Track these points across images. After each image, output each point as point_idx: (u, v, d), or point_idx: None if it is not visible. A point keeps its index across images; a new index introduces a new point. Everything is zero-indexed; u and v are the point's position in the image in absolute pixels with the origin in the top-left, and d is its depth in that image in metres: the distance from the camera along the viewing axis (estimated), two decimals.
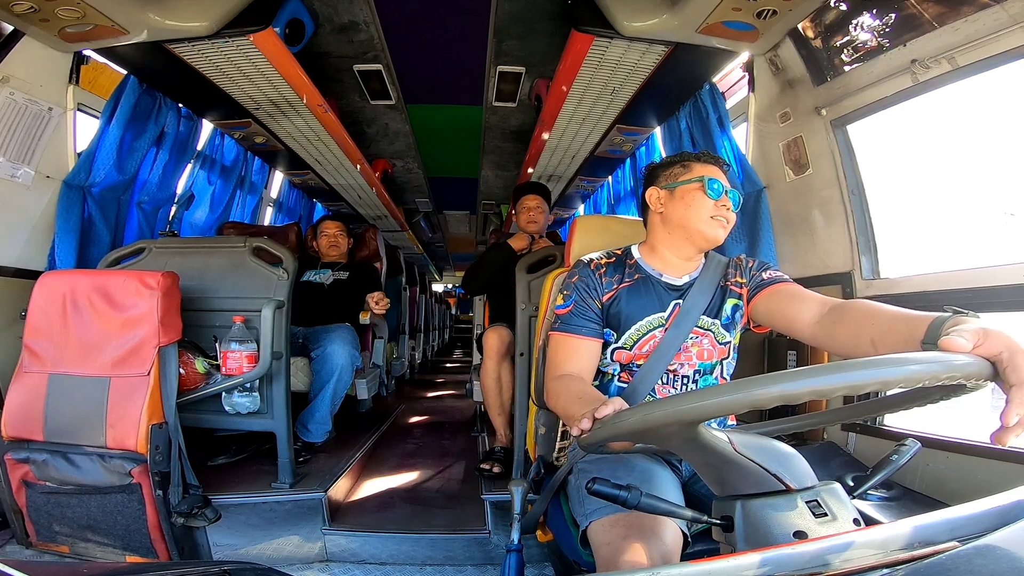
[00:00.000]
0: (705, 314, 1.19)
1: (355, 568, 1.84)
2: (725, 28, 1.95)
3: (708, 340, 1.19)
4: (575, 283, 1.22)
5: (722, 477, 0.69)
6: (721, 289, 1.22)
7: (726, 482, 0.69)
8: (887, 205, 1.88)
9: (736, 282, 1.23)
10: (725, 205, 1.19)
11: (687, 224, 1.20)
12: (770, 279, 1.19)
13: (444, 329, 10.23)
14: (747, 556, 0.48)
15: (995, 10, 1.37)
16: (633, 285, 1.22)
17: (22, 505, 1.70)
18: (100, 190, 2.30)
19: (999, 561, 0.45)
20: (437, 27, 2.45)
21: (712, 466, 0.69)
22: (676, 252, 1.24)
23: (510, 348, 2.29)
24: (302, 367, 2.38)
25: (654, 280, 1.23)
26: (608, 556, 0.90)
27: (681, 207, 1.21)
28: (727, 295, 1.22)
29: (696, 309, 1.18)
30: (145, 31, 1.98)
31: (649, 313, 1.19)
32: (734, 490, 0.68)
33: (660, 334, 1.18)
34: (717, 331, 1.20)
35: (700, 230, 1.19)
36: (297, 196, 4.57)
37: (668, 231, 1.24)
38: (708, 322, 1.19)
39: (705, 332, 1.19)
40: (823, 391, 0.54)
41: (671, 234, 1.24)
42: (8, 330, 1.94)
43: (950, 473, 1.43)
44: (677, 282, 1.23)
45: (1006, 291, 1.40)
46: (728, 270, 1.25)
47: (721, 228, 1.19)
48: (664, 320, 1.19)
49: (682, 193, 1.22)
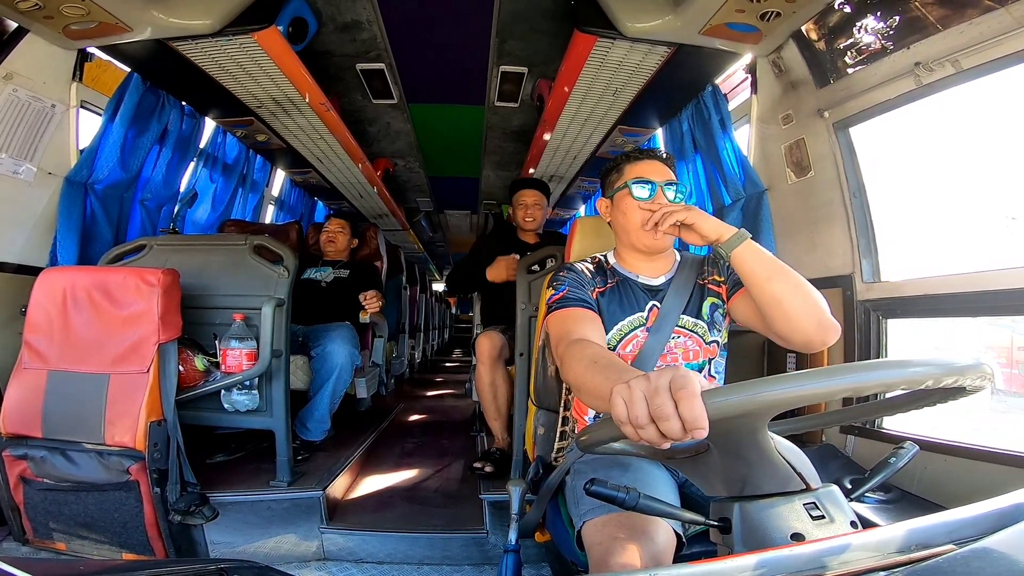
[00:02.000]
0: (685, 313, 1.18)
1: (352, 567, 1.84)
2: (728, 30, 1.95)
3: (693, 341, 1.18)
4: (564, 276, 1.21)
5: (743, 476, 0.67)
6: (699, 288, 1.21)
7: (748, 481, 0.66)
8: (889, 208, 1.88)
9: (714, 280, 1.22)
10: (660, 201, 1.14)
11: (624, 234, 1.21)
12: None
13: (444, 328, 10.23)
14: (744, 558, 0.48)
15: (999, 13, 1.36)
16: (613, 287, 1.22)
17: (19, 502, 1.70)
18: (103, 187, 2.30)
19: (996, 564, 0.44)
20: (440, 27, 2.45)
21: (744, 463, 0.66)
22: (637, 256, 1.23)
23: (503, 352, 2.29)
24: (301, 365, 2.38)
25: (631, 282, 1.23)
26: (599, 556, 0.90)
27: (620, 216, 1.21)
28: (705, 294, 1.21)
29: (675, 310, 1.18)
30: (149, 29, 1.99)
31: (629, 314, 1.19)
32: (757, 489, 0.66)
33: (642, 334, 1.18)
34: (702, 331, 1.19)
35: (636, 241, 1.18)
36: (298, 194, 4.58)
37: (620, 239, 1.25)
38: (691, 322, 1.19)
39: (690, 333, 1.18)
40: (824, 393, 0.55)
41: (623, 243, 1.24)
42: (8, 326, 1.94)
43: (948, 476, 1.42)
44: (654, 283, 1.23)
45: (1007, 295, 1.40)
46: (704, 267, 1.24)
47: (655, 233, 1.11)
48: (644, 320, 1.19)
49: (618, 202, 1.21)
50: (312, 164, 3.76)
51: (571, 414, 1.36)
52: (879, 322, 1.77)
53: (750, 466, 0.66)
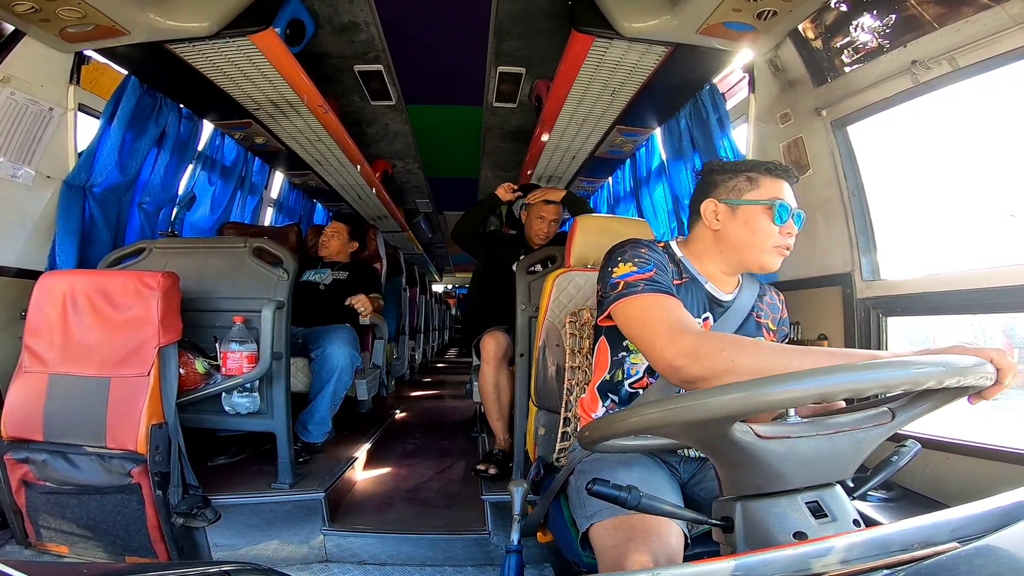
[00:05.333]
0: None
1: (354, 568, 1.84)
2: (725, 29, 1.95)
3: None
4: (647, 254, 1.07)
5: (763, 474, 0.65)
6: (755, 321, 1.18)
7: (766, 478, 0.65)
8: (887, 206, 1.88)
9: (767, 324, 1.20)
10: (790, 232, 1.08)
11: (745, 250, 1.10)
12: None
13: (444, 330, 10.22)
14: (747, 557, 0.48)
15: (995, 11, 1.37)
16: (685, 284, 1.14)
17: (21, 505, 1.70)
18: (101, 190, 2.30)
19: (999, 562, 0.45)
20: (437, 28, 2.45)
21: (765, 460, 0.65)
22: (721, 268, 1.16)
23: (507, 353, 2.29)
24: (302, 367, 2.38)
25: (700, 286, 1.16)
26: (612, 559, 0.89)
27: (743, 231, 1.09)
28: (758, 330, 1.18)
29: (727, 330, 1.13)
30: (146, 31, 1.98)
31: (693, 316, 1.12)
32: (786, 484, 0.64)
33: None
34: None
35: (759, 260, 1.10)
36: (297, 196, 4.57)
37: (720, 249, 1.14)
38: None
39: None
40: (824, 393, 0.55)
41: (722, 253, 1.14)
42: (8, 330, 1.94)
43: (950, 474, 1.43)
44: (723, 296, 1.16)
45: (1006, 292, 1.40)
46: (759, 301, 1.20)
47: (781, 257, 1.09)
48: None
49: (745, 215, 1.09)
50: (311, 166, 3.76)
51: (572, 414, 1.36)
52: (879, 320, 1.78)
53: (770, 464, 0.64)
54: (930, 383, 0.56)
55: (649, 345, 0.94)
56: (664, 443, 0.94)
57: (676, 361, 0.86)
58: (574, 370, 1.38)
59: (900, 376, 0.55)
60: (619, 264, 1.06)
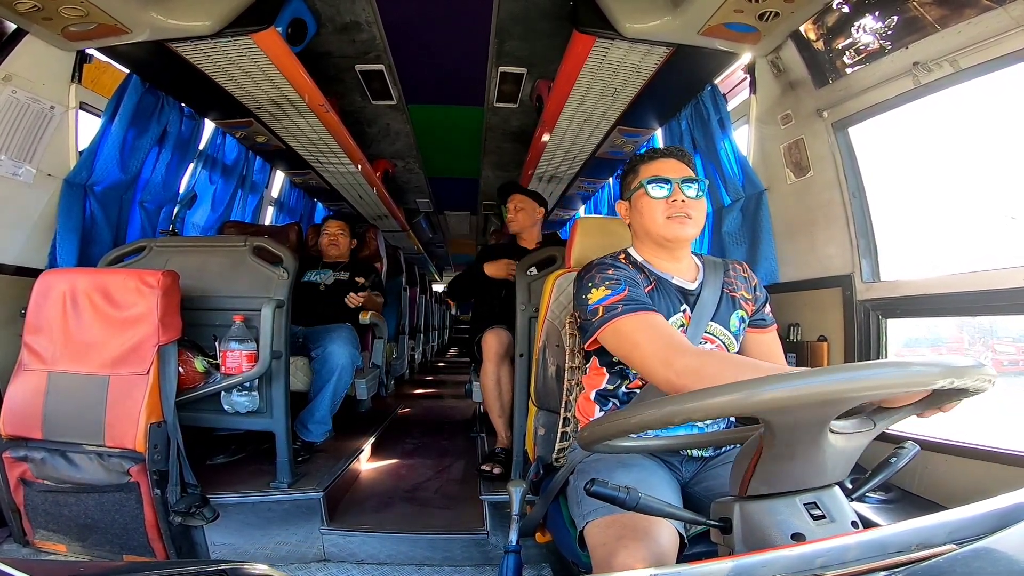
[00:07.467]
0: (714, 320, 1.17)
1: (353, 568, 1.84)
2: (727, 30, 1.95)
3: (718, 347, 1.17)
4: (615, 275, 1.10)
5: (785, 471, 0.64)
6: (728, 298, 1.19)
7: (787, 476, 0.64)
8: (888, 208, 1.88)
9: (744, 297, 1.21)
10: (678, 199, 1.14)
11: (649, 231, 1.18)
12: (770, 321, 1.24)
13: (443, 329, 10.23)
14: (745, 558, 0.48)
15: (997, 12, 1.37)
16: (655, 287, 1.17)
17: (19, 503, 1.70)
18: (102, 189, 2.30)
19: (997, 564, 0.45)
20: (439, 27, 2.45)
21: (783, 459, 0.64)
22: (659, 255, 1.21)
23: (509, 350, 2.29)
24: (302, 367, 2.38)
25: (667, 283, 1.19)
26: (603, 557, 0.90)
27: (639, 217, 1.20)
28: (735, 306, 1.20)
29: (705, 316, 1.16)
30: (148, 30, 1.98)
31: (671, 315, 1.15)
32: (803, 484, 0.64)
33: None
34: (728, 341, 1.18)
35: (662, 234, 1.16)
36: (298, 196, 4.58)
37: (642, 239, 1.23)
38: (719, 330, 1.17)
39: (716, 340, 1.17)
40: (820, 393, 0.55)
41: (644, 241, 1.23)
42: (8, 328, 1.94)
43: (948, 476, 1.42)
44: (689, 286, 1.19)
45: (1006, 295, 1.40)
46: (728, 276, 1.22)
47: (679, 224, 1.14)
48: (681, 322, 1.16)
49: (636, 202, 1.20)
50: (312, 165, 3.76)
51: (572, 415, 1.36)
52: (879, 322, 1.77)
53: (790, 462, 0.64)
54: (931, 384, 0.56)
55: (646, 366, 0.97)
56: (664, 443, 0.94)
57: (679, 380, 0.89)
58: (574, 370, 1.38)
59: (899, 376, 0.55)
60: (591, 290, 1.09)
